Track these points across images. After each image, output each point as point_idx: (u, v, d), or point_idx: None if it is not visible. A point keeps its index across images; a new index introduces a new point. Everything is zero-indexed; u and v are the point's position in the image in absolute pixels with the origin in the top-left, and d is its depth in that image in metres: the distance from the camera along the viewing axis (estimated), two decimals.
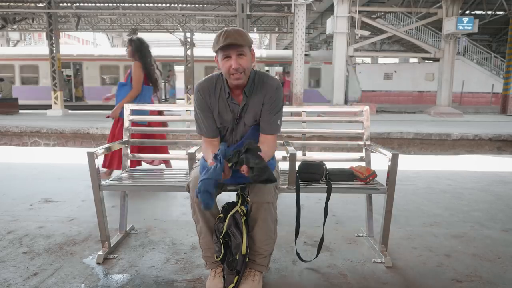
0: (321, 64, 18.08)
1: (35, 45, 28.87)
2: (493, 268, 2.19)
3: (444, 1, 13.44)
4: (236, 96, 1.97)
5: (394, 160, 2.12)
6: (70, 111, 14.16)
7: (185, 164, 2.35)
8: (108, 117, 3.81)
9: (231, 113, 1.98)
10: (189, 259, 2.25)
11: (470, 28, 12.82)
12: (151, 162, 4.03)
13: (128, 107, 2.65)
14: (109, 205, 3.01)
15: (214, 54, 1.91)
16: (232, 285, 1.83)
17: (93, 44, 33.38)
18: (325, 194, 2.17)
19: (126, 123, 2.63)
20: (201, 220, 1.89)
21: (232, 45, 1.81)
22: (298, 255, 2.17)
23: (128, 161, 2.65)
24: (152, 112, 3.56)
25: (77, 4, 13.91)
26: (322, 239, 2.21)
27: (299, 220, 2.15)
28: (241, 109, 1.96)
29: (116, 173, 2.50)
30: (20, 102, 14.40)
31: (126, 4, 13.99)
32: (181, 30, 17.88)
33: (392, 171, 2.13)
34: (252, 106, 1.96)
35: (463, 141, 9.10)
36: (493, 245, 2.51)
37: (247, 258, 1.88)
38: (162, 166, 4.01)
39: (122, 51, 14.84)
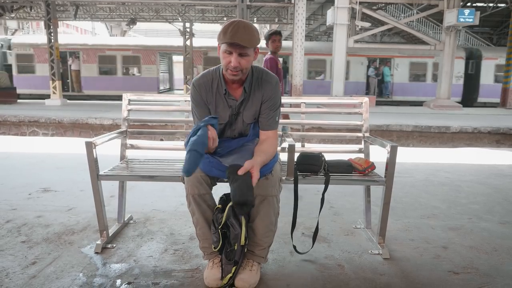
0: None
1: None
2: (489, 260, 2.20)
3: None
4: (233, 90, 1.94)
5: (393, 152, 2.12)
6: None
7: (183, 155, 2.34)
8: None
9: (229, 108, 1.95)
10: (187, 249, 2.26)
11: (471, 20, 12.72)
12: None
13: (126, 97, 2.64)
14: (107, 194, 3.02)
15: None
16: (230, 275, 1.83)
17: (91, 33, 33.11)
18: (324, 186, 2.17)
19: (125, 113, 2.62)
20: (197, 212, 1.89)
21: (237, 44, 1.75)
22: (294, 247, 2.18)
23: (127, 151, 2.64)
24: None
25: None
26: (317, 229, 2.23)
27: (296, 212, 2.16)
28: (239, 104, 1.94)
29: (114, 163, 2.50)
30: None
31: None
32: (180, 20, 17.75)
33: (390, 163, 2.13)
34: (251, 103, 1.94)
35: (462, 134, 9.11)
36: (490, 237, 2.52)
37: (246, 249, 1.89)
38: None
39: None
